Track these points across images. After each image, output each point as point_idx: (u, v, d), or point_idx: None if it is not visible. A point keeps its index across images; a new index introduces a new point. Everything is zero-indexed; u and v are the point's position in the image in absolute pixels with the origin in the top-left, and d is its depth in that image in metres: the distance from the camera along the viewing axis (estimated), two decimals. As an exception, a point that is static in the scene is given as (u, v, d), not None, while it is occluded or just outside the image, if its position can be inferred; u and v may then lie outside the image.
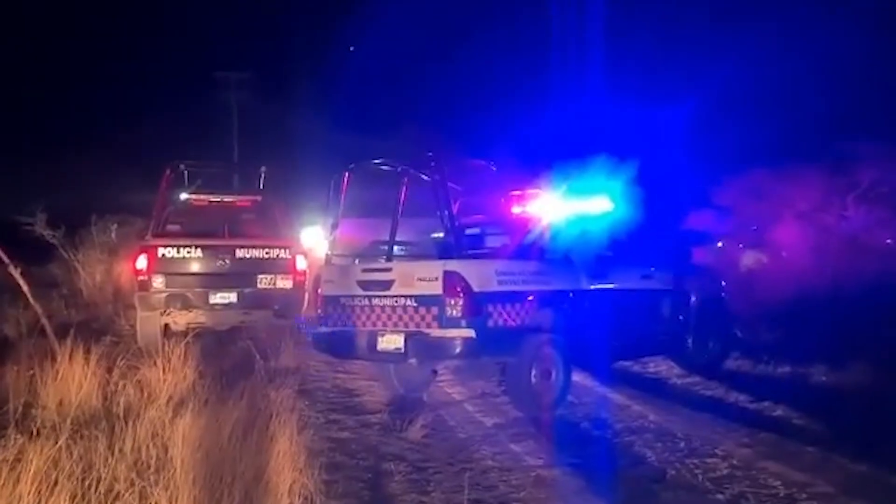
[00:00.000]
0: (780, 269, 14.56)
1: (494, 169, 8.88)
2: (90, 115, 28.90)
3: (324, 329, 8.42)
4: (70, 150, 25.12)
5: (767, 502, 5.20)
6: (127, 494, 4.01)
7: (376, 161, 8.68)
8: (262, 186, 12.19)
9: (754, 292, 12.19)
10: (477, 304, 7.23)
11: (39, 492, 3.92)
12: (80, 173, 22.19)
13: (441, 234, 8.25)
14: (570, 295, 8.12)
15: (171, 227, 11.10)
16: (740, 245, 17.16)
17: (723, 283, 10.58)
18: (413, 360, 7.60)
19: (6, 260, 8.24)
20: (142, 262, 10.20)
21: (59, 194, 16.87)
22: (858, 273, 11.99)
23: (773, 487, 5.46)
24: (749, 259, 16.54)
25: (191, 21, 33.44)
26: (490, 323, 7.36)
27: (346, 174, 8.63)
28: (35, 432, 4.99)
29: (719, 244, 17.07)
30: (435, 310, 7.30)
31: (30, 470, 3.97)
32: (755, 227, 16.89)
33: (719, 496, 5.35)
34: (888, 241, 15.29)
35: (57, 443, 4.41)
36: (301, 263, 10.80)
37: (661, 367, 10.06)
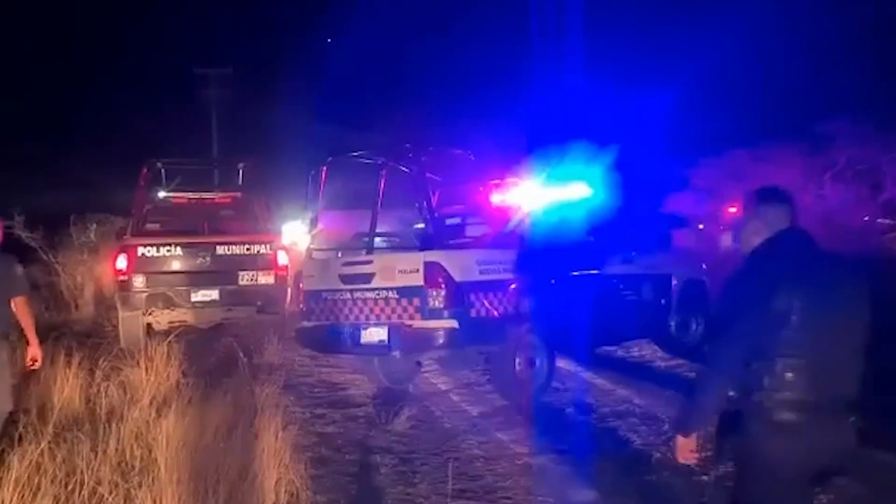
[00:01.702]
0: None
1: (473, 158, 8.86)
2: (66, 113, 28.66)
3: (307, 324, 8.40)
4: (47, 150, 24.88)
5: (751, 482, 5.24)
6: (111, 497, 3.99)
7: (354, 154, 8.65)
8: (241, 182, 12.12)
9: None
10: (459, 295, 7.23)
11: (22, 496, 3.90)
12: (58, 173, 21.99)
13: (421, 225, 8.25)
14: (552, 282, 8.13)
15: (151, 226, 11.02)
16: (720, 227, 17.28)
17: (703, 265, 10.63)
18: (397, 353, 7.60)
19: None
20: (122, 262, 10.12)
21: (36, 195, 16.73)
22: (836, 250, 12.08)
23: (757, 467, 5.51)
24: (729, 240, 16.65)
25: (169, 17, 33.22)
26: (472, 313, 7.37)
27: (325, 168, 8.60)
28: (17, 437, 4.95)
29: (700, 226, 17.18)
30: (417, 301, 7.30)
31: (11, 476, 3.94)
32: (734, 209, 17.02)
33: (704, 477, 5.39)
34: (865, 218, 15.45)
35: (39, 447, 4.39)
36: (282, 259, 10.76)
37: (644, 350, 10.13)
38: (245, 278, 10.52)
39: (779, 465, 2.86)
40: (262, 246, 10.70)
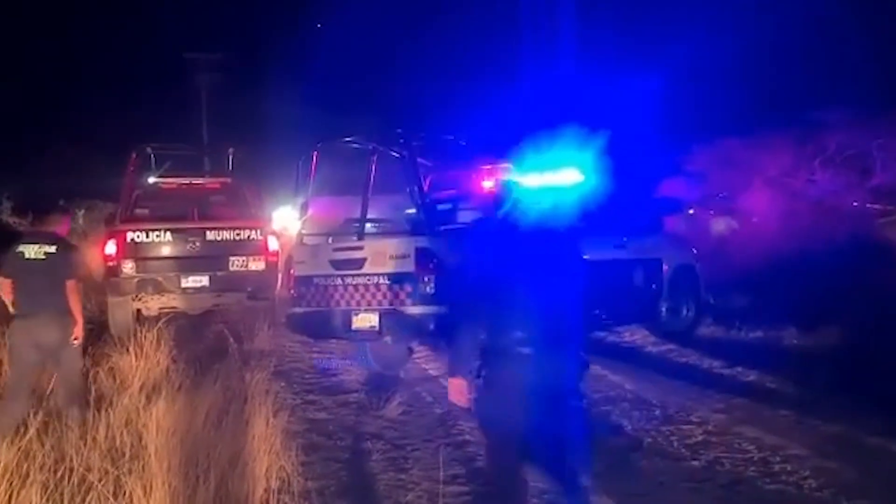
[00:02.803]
0: (750, 235, 14.69)
1: (464, 143, 8.82)
2: (54, 99, 28.37)
3: (298, 310, 8.36)
4: (35, 135, 24.66)
5: (742, 467, 5.27)
6: (100, 484, 3.96)
7: (345, 139, 8.60)
8: (231, 168, 12.05)
9: (726, 258, 12.29)
10: (450, 280, 7.21)
11: (11, 484, 3.87)
12: (47, 159, 21.81)
13: (413, 210, 8.21)
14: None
15: (140, 212, 10.94)
16: (711, 212, 17.28)
17: (694, 250, 10.64)
18: (388, 338, 7.59)
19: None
20: (111, 248, 10.06)
21: (24, 181, 16.58)
22: (827, 236, 12.12)
23: (748, 452, 5.54)
24: (720, 225, 16.66)
25: (159, 2, 32.92)
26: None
27: (315, 153, 8.55)
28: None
29: (690, 211, 17.17)
30: (408, 287, 7.28)
31: (0, 463, 3.91)
32: (724, 194, 17.03)
33: (695, 462, 5.41)
34: (855, 203, 15.47)
35: (28, 434, 4.37)
36: (273, 244, 10.70)
37: (635, 335, 10.14)
38: (235, 264, 10.46)
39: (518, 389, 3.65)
40: (253, 231, 10.64)
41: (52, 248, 6.02)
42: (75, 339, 6.00)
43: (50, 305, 5.91)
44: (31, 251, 6.01)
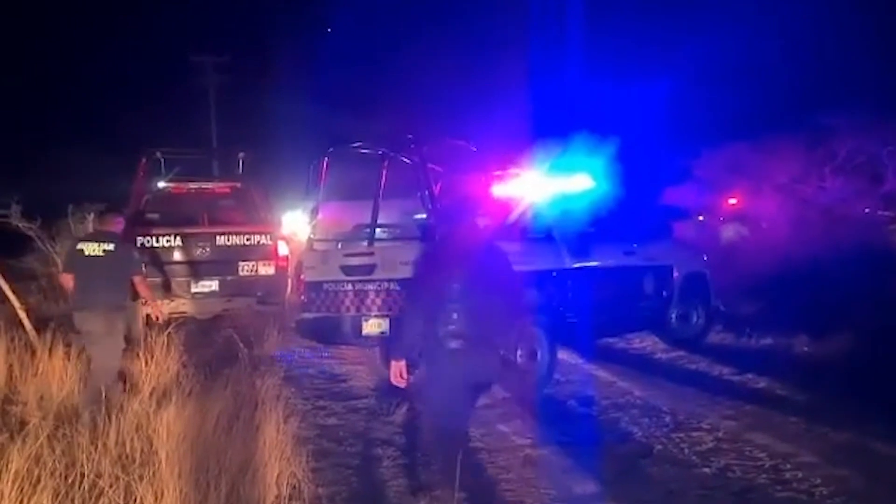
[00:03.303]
0: (760, 241, 14.66)
1: (475, 149, 8.81)
2: (63, 102, 28.51)
3: (308, 315, 8.36)
4: (44, 139, 24.78)
5: (753, 474, 5.24)
6: (111, 490, 3.96)
7: (356, 145, 8.60)
8: (241, 172, 12.05)
9: (736, 265, 12.26)
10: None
11: (22, 489, 3.86)
12: (56, 163, 21.88)
13: (423, 216, 8.20)
14: (554, 274, 8.10)
15: (150, 216, 10.94)
16: (721, 218, 17.26)
17: (704, 256, 10.61)
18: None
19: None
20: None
21: (34, 184, 16.61)
22: (838, 243, 12.09)
23: (759, 459, 5.51)
24: (730, 232, 16.64)
25: (166, 5, 33.04)
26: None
27: (326, 158, 8.56)
28: (17, 429, 4.93)
29: (700, 218, 17.16)
30: (418, 293, 7.25)
31: (11, 468, 3.91)
32: (734, 200, 17.01)
33: (706, 469, 5.38)
34: (866, 210, 15.43)
35: (38, 439, 4.36)
36: (283, 249, 10.70)
37: (645, 342, 10.11)
38: (245, 269, 10.47)
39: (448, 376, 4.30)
40: (263, 236, 10.64)
41: (111, 246, 6.57)
42: (156, 318, 7.04)
43: (104, 300, 6.46)
44: (91, 248, 6.57)
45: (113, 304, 6.48)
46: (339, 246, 8.64)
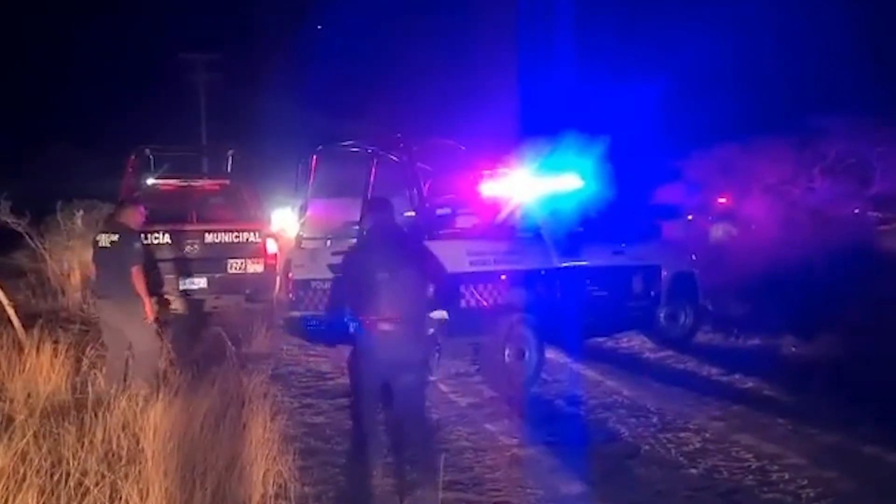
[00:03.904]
0: (749, 242, 14.71)
1: (464, 148, 8.81)
2: (53, 100, 28.33)
3: (296, 313, 8.34)
4: (34, 135, 24.64)
5: (740, 475, 5.26)
6: (97, 489, 3.94)
7: (345, 143, 8.58)
8: (230, 169, 12.02)
9: (724, 265, 12.30)
10: (449, 286, 7.19)
11: (7, 488, 3.85)
12: (45, 159, 21.77)
13: (412, 215, 8.19)
14: (542, 273, 8.11)
15: (139, 213, 10.89)
16: (710, 218, 17.31)
17: (693, 256, 10.64)
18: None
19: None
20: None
21: (23, 181, 16.51)
22: (826, 244, 12.14)
23: (746, 460, 5.54)
24: (718, 232, 16.69)
25: (156, 2, 32.89)
26: (462, 303, 7.35)
27: (315, 156, 8.54)
28: (3, 426, 4.90)
29: (689, 218, 17.20)
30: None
31: (-4, 467, 3.89)
32: (722, 200, 17.06)
33: (693, 470, 5.40)
34: (855, 210, 15.51)
35: (24, 437, 4.34)
36: (271, 247, 10.68)
37: (633, 342, 10.14)
38: (234, 266, 10.45)
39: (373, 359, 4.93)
40: (251, 234, 10.62)
41: (116, 237, 6.70)
42: (146, 319, 6.65)
43: (115, 290, 6.65)
44: (103, 240, 6.79)
45: (124, 293, 6.59)
46: (328, 244, 8.61)
